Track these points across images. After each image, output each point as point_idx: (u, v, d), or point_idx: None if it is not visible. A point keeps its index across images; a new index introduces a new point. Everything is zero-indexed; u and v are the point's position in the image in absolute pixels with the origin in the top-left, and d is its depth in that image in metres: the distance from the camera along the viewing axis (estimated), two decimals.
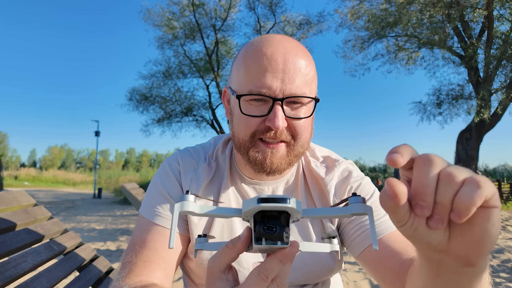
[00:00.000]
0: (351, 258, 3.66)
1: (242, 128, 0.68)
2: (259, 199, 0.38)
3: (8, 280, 0.85)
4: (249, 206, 0.39)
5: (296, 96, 0.65)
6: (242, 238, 0.43)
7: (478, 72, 12.98)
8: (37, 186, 30.91)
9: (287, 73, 0.64)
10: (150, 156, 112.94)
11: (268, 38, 0.68)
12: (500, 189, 6.07)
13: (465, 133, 14.05)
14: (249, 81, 0.66)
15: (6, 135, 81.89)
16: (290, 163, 0.71)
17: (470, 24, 12.94)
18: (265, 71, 0.64)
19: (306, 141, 0.71)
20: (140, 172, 27.87)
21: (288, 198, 0.38)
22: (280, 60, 0.64)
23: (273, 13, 13.97)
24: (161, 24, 14.45)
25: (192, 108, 14.87)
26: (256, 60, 0.65)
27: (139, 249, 0.72)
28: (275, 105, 0.64)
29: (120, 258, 4.03)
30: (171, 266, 0.74)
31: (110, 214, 9.39)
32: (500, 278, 2.85)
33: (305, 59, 0.67)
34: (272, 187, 0.79)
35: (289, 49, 0.66)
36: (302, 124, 0.68)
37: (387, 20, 12.46)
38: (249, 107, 0.67)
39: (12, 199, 1.12)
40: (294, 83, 0.64)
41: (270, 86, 0.63)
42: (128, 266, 0.70)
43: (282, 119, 0.64)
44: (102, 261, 1.36)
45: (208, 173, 0.78)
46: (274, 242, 0.40)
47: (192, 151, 0.83)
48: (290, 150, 0.69)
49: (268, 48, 0.65)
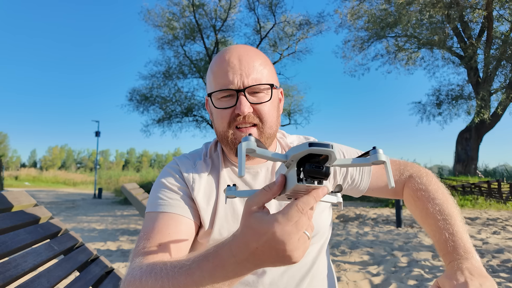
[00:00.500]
0: (351, 258, 3.67)
1: (219, 121, 0.82)
2: (309, 143, 0.45)
3: (9, 280, 0.86)
4: (299, 150, 0.46)
5: (254, 85, 0.79)
6: (278, 183, 0.52)
7: (478, 72, 12.98)
8: (37, 186, 30.91)
9: (243, 70, 0.79)
10: (151, 157, 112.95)
11: (226, 48, 0.85)
12: (500, 189, 6.06)
13: (465, 133, 14.06)
14: (216, 82, 0.81)
15: (6, 135, 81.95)
16: (264, 144, 0.78)
17: (469, 24, 12.94)
18: (226, 72, 0.80)
19: (274, 123, 0.84)
20: (140, 172, 27.87)
21: (331, 144, 0.45)
22: (236, 61, 0.80)
23: (273, 14, 13.97)
24: (161, 25, 14.46)
25: (192, 109, 14.89)
26: (219, 65, 0.82)
27: (151, 235, 0.75)
28: (239, 96, 0.79)
29: (121, 258, 4.01)
30: (184, 250, 0.78)
31: (111, 214, 9.39)
32: (500, 278, 2.85)
33: (257, 57, 0.83)
34: (264, 169, 0.90)
35: (242, 52, 0.82)
36: (266, 108, 0.82)
37: (386, 20, 12.46)
38: (220, 103, 0.82)
39: (12, 199, 1.12)
40: (251, 76, 0.79)
41: (232, 81, 0.79)
42: (143, 251, 0.71)
43: (247, 105, 0.78)
44: (103, 261, 1.36)
45: (206, 167, 0.88)
46: (312, 181, 0.48)
47: (188, 155, 0.93)
48: (260, 132, 0.82)
49: (226, 54, 0.82)
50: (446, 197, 0.85)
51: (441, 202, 0.83)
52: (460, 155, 14.02)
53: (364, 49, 14.58)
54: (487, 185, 6.55)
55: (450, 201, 0.84)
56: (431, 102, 14.64)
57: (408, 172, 0.95)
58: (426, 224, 0.84)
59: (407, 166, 0.97)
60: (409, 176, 0.94)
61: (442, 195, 0.85)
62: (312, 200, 0.50)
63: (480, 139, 13.72)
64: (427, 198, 0.85)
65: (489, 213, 7.42)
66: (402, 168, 0.96)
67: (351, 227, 5.95)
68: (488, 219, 6.45)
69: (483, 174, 13.74)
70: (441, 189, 0.88)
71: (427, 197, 0.85)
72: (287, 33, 14.54)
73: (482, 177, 12.21)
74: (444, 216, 0.80)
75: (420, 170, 0.95)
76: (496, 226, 5.70)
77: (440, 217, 0.80)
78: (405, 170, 0.95)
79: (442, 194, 0.86)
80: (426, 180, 0.90)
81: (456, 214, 0.81)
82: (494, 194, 6.53)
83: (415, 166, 0.97)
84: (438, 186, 0.89)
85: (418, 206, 0.87)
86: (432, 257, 3.59)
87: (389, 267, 3.28)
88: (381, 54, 14.72)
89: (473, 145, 13.60)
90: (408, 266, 3.30)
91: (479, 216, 6.96)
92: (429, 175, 0.93)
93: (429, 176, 0.92)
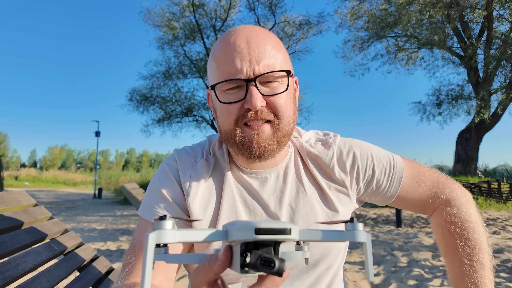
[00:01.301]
0: (351, 258, 3.66)
1: (225, 117, 0.69)
2: (257, 229, 0.33)
3: (9, 280, 0.85)
4: (241, 236, 0.33)
5: (267, 73, 0.66)
6: (220, 261, 0.36)
7: (478, 72, 12.98)
8: (37, 186, 30.89)
9: (253, 55, 0.66)
10: (151, 156, 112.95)
11: (230, 30, 0.71)
12: (500, 189, 6.06)
13: (465, 133, 14.05)
14: (221, 71, 0.68)
15: (6, 135, 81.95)
16: (279, 143, 0.70)
17: (469, 24, 12.94)
18: (232, 58, 0.66)
19: (291, 118, 0.71)
20: (140, 172, 27.84)
21: (289, 228, 0.34)
22: (244, 44, 0.66)
23: (273, 14, 13.98)
24: (161, 25, 14.46)
25: (192, 109, 14.88)
26: (223, 51, 0.68)
27: (138, 250, 0.72)
28: (249, 86, 0.65)
29: (121, 258, 4.01)
30: (172, 267, 0.72)
31: (111, 214, 9.39)
32: (500, 278, 2.85)
33: (268, 39, 0.69)
34: (274, 174, 0.78)
35: (251, 33, 0.68)
36: (282, 101, 0.68)
37: (386, 20, 12.46)
38: (226, 96, 0.68)
39: (12, 199, 1.12)
40: (262, 62, 0.66)
41: (240, 69, 0.65)
42: (128, 268, 0.70)
43: (259, 98, 0.65)
44: (103, 261, 1.36)
45: (207, 168, 0.78)
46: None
47: (189, 149, 0.83)
48: (275, 129, 0.69)
49: (231, 37, 0.68)
50: (480, 239, 0.75)
51: (474, 245, 0.74)
52: (460, 155, 14.02)
53: (364, 49, 14.58)
54: (487, 185, 6.55)
55: (484, 244, 0.75)
56: (431, 102, 14.63)
57: (446, 196, 0.81)
58: (450, 263, 0.77)
59: (447, 185, 0.83)
60: (446, 200, 0.81)
61: (477, 236, 0.75)
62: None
63: (480, 139, 13.71)
64: (460, 237, 0.75)
65: (489, 213, 7.42)
66: (441, 187, 0.82)
67: None
68: (488, 219, 6.44)
69: (483, 174, 13.74)
70: (478, 227, 0.77)
71: (461, 235, 0.75)
72: (287, 33, 14.54)
73: (482, 177, 12.20)
74: (472, 263, 0.72)
75: (461, 196, 0.81)
76: (496, 226, 5.70)
77: (468, 261, 0.73)
78: (444, 192, 0.81)
79: (477, 235, 0.75)
80: (464, 213, 0.78)
81: (486, 262, 0.73)
82: (494, 194, 6.53)
83: (456, 188, 0.83)
84: (477, 222, 0.78)
85: (447, 241, 0.78)
86: (432, 257, 3.59)
87: (389, 267, 3.28)
88: (381, 54, 14.72)
89: (473, 145, 13.60)
90: (408, 266, 3.30)
91: None
92: (469, 204, 0.80)
93: (469, 206, 0.80)
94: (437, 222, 0.81)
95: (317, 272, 0.76)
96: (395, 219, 6.43)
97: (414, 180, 0.82)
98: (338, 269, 0.81)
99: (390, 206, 8.59)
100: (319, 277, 0.77)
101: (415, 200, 0.83)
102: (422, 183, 0.82)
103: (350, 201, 0.81)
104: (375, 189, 0.82)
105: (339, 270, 0.82)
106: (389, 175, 0.81)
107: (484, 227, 0.78)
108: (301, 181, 0.79)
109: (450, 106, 14.04)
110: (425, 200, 0.83)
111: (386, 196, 0.83)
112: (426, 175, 0.83)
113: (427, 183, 0.82)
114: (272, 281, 0.37)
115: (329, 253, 0.75)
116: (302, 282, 0.76)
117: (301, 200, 0.77)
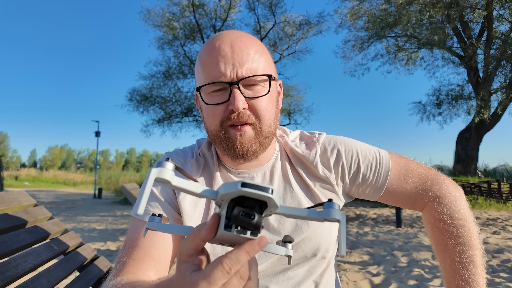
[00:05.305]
0: (351, 258, 3.67)
1: (211, 119, 0.73)
2: (243, 183, 0.36)
3: (9, 280, 0.85)
4: (229, 189, 0.37)
5: (249, 76, 0.69)
6: (207, 225, 0.40)
7: (478, 72, 12.97)
8: (37, 186, 30.88)
9: (236, 59, 0.69)
10: (151, 156, 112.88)
11: (216, 34, 0.75)
12: (500, 189, 6.06)
13: (465, 133, 14.05)
14: (206, 74, 0.71)
15: (6, 135, 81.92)
16: (262, 144, 0.73)
17: (469, 24, 12.94)
18: (217, 61, 0.69)
19: (272, 120, 0.74)
20: (140, 172, 27.86)
21: (271, 189, 0.37)
22: (228, 49, 0.69)
23: (273, 14, 13.96)
24: (161, 25, 14.45)
25: (192, 109, 14.87)
26: (208, 54, 0.71)
27: (129, 248, 0.73)
28: (232, 89, 0.69)
29: None
30: (163, 264, 0.73)
31: (111, 214, 9.39)
32: (500, 278, 2.85)
33: (252, 44, 0.72)
34: (260, 173, 0.81)
35: (235, 38, 0.71)
36: (263, 104, 0.72)
37: (386, 20, 12.45)
38: (211, 98, 0.72)
39: (12, 199, 1.12)
40: (245, 65, 0.69)
41: (224, 72, 0.68)
42: (118, 265, 0.71)
43: (241, 100, 0.68)
44: (103, 261, 1.36)
45: (197, 168, 0.81)
46: (244, 231, 0.38)
47: (179, 151, 0.86)
48: (257, 131, 0.72)
49: (216, 41, 0.71)
50: (470, 236, 0.74)
51: (464, 242, 0.73)
52: (460, 155, 14.01)
53: (364, 49, 14.57)
54: (487, 185, 6.56)
55: (475, 241, 0.74)
56: (431, 102, 14.63)
57: (434, 193, 0.80)
58: (441, 260, 0.77)
59: (436, 181, 0.81)
60: (434, 197, 0.80)
61: (467, 233, 0.74)
62: (243, 256, 0.39)
63: (480, 139, 13.70)
64: (449, 234, 0.75)
65: (489, 213, 7.42)
66: (429, 184, 0.81)
67: (351, 227, 5.94)
68: (488, 219, 6.44)
69: (483, 174, 13.74)
70: (467, 224, 0.76)
71: (450, 232, 0.75)
72: (287, 33, 14.53)
73: (482, 177, 12.21)
74: (463, 260, 0.72)
75: (450, 193, 0.79)
76: (496, 226, 5.70)
77: (458, 259, 0.72)
78: (432, 188, 0.80)
79: (467, 232, 0.74)
80: (453, 210, 0.77)
81: (477, 259, 0.72)
82: (494, 194, 6.53)
83: (445, 183, 0.81)
84: (466, 219, 0.76)
85: (437, 239, 0.78)
86: (432, 257, 3.59)
87: (389, 267, 3.28)
88: (381, 54, 14.71)
89: (473, 145, 13.59)
90: (408, 266, 3.30)
91: (479, 216, 6.96)
92: (459, 201, 0.79)
93: (459, 203, 0.78)
94: (427, 219, 0.81)
95: (310, 264, 0.80)
96: (395, 219, 6.43)
97: (401, 176, 0.82)
98: (330, 261, 0.85)
99: (390, 206, 8.58)
100: (311, 268, 0.80)
101: (403, 196, 0.83)
102: (410, 180, 0.82)
103: (337, 197, 0.83)
104: (362, 184, 0.83)
105: (331, 261, 0.86)
106: (375, 170, 0.81)
107: (475, 223, 0.77)
108: (288, 179, 0.82)
109: (450, 106, 14.03)
110: (413, 196, 0.82)
111: (373, 191, 0.83)
112: (414, 171, 0.82)
113: (415, 179, 0.82)
114: (250, 245, 0.39)
115: (320, 248, 0.79)
116: (294, 274, 0.79)
117: (288, 197, 0.80)
